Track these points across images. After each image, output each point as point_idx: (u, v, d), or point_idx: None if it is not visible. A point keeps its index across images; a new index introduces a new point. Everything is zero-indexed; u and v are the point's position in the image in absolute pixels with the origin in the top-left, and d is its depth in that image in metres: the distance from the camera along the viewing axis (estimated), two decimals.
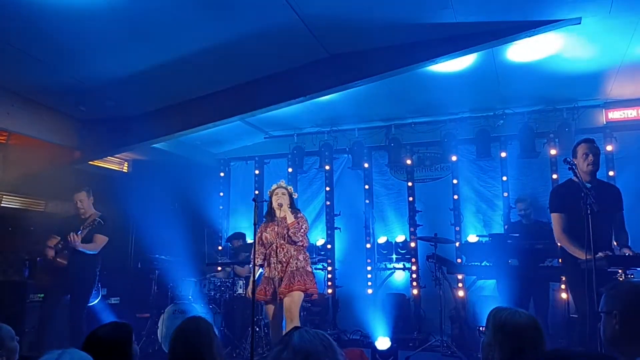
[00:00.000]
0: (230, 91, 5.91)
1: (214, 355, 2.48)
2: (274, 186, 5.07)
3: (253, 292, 4.39)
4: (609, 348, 1.97)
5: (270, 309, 4.76)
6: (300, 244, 4.77)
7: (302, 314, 5.84)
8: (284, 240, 4.77)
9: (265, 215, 5.03)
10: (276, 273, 4.70)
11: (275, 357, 1.59)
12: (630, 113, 6.74)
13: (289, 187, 5.06)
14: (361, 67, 5.26)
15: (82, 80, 5.40)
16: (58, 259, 5.27)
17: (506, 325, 2.14)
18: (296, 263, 4.72)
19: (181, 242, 6.84)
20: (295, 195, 5.14)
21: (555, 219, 4.09)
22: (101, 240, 5.39)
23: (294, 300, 4.57)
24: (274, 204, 4.92)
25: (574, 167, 3.76)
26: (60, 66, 5.08)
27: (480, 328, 2.32)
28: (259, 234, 4.90)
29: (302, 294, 4.65)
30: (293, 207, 4.99)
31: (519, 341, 2.09)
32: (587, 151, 4.01)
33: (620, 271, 4.16)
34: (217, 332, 2.63)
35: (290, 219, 4.80)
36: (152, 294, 6.55)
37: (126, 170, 7.81)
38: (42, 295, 5.62)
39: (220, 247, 8.30)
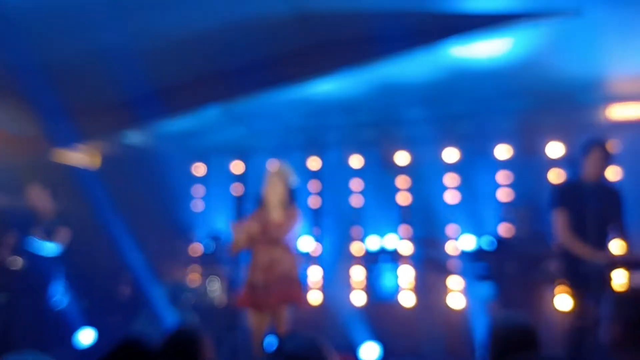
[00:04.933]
0: (209, 79, 5.72)
1: None
2: (270, 171, 4.51)
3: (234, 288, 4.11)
4: (611, 354, 1.97)
5: (254, 317, 4.32)
6: (285, 241, 4.29)
7: None
8: (268, 240, 4.27)
9: (258, 202, 4.48)
10: (259, 278, 4.24)
11: None
12: (632, 112, 6.45)
13: (285, 173, 4.48)
14: (347, 55, 5.10)
15: (48, 63, 5.08)
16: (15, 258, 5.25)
17: (497, 328, 2.25)
18: (281, 269, 4.25)
19: (155, 242, 6.64)
20: (294, 182, 4.58)
21: (558, 215, 4.00)
22: (65, 232, 5.43)
23: (282, 318, 4.25)
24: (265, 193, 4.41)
25: (578, 169, 3.88)
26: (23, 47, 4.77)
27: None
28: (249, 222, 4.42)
29: (288, 309, 4.32)
30: (290, 198, 4.42)
31: (507, 343, 2.16)
32: (602, 157, 3.99)
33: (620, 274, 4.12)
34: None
35: (273, 214, 4.30)
36: (124, 297, 6.46)
37: (97, 166, 7.44)
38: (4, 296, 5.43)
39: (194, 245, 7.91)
